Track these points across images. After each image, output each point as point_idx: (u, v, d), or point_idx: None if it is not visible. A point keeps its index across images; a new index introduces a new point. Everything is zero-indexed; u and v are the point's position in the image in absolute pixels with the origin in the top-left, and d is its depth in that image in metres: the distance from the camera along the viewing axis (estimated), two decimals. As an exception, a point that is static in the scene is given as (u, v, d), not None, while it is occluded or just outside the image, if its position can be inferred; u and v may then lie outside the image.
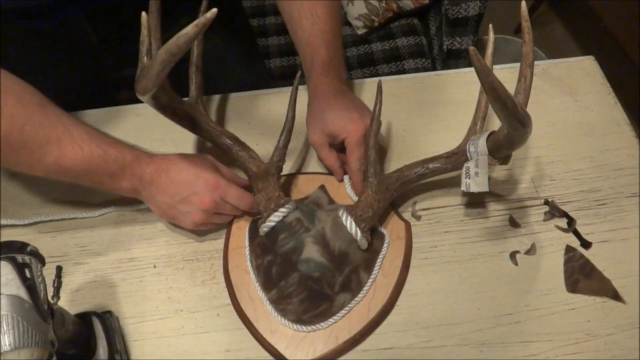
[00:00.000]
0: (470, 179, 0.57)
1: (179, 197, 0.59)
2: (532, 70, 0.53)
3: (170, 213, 0.61)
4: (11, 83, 0.53)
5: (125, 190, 0.61)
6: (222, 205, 0.61)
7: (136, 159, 0.59)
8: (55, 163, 0.55)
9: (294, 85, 0.61)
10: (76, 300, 0.63)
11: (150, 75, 0.45)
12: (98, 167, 0.57)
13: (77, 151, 0.55)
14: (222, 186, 0.60)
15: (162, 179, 0.59)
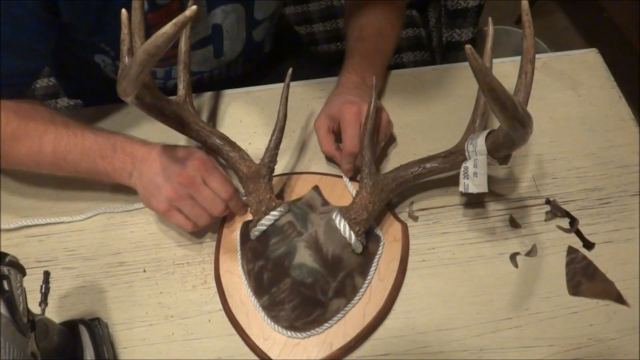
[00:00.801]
0: (469, 180, 0.55)
1: (162, 170, 0.57)
2: (533, 66, 0.50)
3: (150, 189, 0.58)
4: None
5: (119, 173, 0.60)
6: (199, 187, 0.57)
7: (128, 139, 0.61)
8: (52, 152, 0.60)
9: (285, 83, 0.59)
10: (64, 306, 0.61)
11: (130, 77, 0.43)
12: (90, 150, 0.59)
13: (71, 137, 0.59)
14: (208, 167, 0.58)
15: (154, 155, 0.59)
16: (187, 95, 0.62)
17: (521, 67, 0.51)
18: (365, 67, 0.69)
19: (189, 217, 0.58)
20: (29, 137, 0.60)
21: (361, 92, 0.65)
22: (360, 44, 0.71)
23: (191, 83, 0.63)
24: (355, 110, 0.61)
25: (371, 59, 0.70)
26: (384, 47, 0.72)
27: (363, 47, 0.70)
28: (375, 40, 0.71)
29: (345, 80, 0.68)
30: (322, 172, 0.68)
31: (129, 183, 0.62)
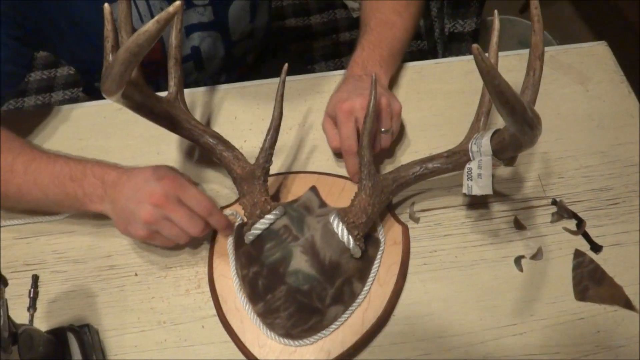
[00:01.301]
0: (473, 181, 0.53)
1: (135, 195, 0.54)
2: (541, 62, 0.48)
3: (125, 216, 0.56)
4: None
5: (89, 198, 0.57)
6: (175, 207, 0.54)
7: (99, 163, 0.59)
8: (24, 171, 0.58)
9: (280, 80, 0.56)
10: (53, 311, 0.59)
11: (113, 76, 0.40)
12: (60, 172, 0.58)
13: (43, 158, 0.59)
14: (181, 184, 0.55)
15: (124, 180, 0.56)
16: (179, 92, 0.60)
17: (529, 63, 0.48)
18: (368, 57, 0.67)
19: (169, 238, 0.55)
20: (3, 154, 0.59)
21: (361, 84, 0.63)
22: (364, 37, 0.70)
23: (182, 80, 0.61)
24: (346, 108, 0.59)
25: (374, 49, 0.68)
26: (390, 35, 0.70)
27: (366, 39, 0.69)
28: (380, 31, 0.70)
29: (348, 75, 0.67)
30: (319, 172, 0.66)
31: (101, 209, 0.58)
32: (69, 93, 1.24)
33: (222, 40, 0.79)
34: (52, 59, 1.33)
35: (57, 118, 0.73)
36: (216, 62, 0.82)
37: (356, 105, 0.59)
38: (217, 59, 0.82)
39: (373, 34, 0.69)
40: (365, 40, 0.69)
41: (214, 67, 0.83)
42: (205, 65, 0.82)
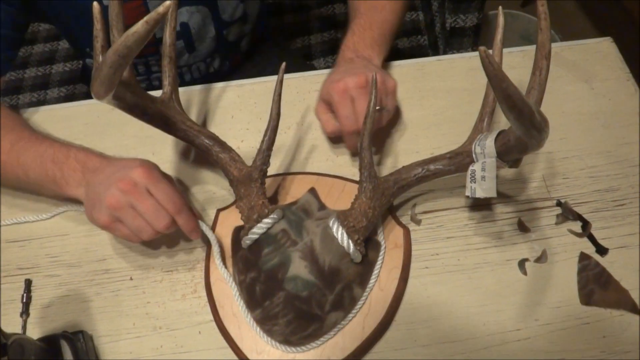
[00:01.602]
0: (476, 183, 0.51)
1: (107, 180, 0.53)
2: (548, 62, 0.46)
3: (92, 200, 0.54)
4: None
5: (66, 180, 0.56)
6: (142, 196, 0.51)
7: (84, 150, 0.59)
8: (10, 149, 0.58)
9: (278, 79, 0.55)
10: (47, 317, 0.58)
11: (102, 79, 0.39)
12: (44, 153, 0.57)
13: (31, 138, 0.59)
14: (154, 176, 0.53)
15: (104, 166, 0.56)
16: (173, 92, 0.58)
17: (535, 62, 0.46)
18: (358, 40, 0.67)
19: (130, 229, 0.53)
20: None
21: (352, 65, 0.63)
22: (354, 22, 0.69)
23: (177, 79, 0.59)
24: (341, 88, 0.59)
25: (364, 32, 0.68)
26: (379, 18, 0.69)
27: (356, 24, 0.69)
28: (369, 15, 0.69)
29: (339, 59, 0.67)
30: (318, 172, 0.64)
31: (76, 194, 0.57)
32: (64, 90, 1.22)
33: (212, 19, 0.78)
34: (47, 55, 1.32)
35: (50, 117, 0.72)
36: (207, 42, 0.80)
37: (350, 84, 0.58)
38: (208, 38, 0.80)
39: (363, 18, 0.69)
40: (355, 24, 0.68)
41: (206, 49, 0.81)
42: (196, 45, 0.80)
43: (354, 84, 0.58)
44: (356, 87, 0.58)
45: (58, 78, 1.25)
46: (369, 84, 0.58)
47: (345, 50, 0.66)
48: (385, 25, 0.69)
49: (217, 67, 0.85)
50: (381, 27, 0.69)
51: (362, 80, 0.58)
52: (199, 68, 0.83)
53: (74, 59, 1.28)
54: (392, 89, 0.61)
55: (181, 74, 0.83)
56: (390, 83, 0.61)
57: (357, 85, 0.58)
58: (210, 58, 0.83)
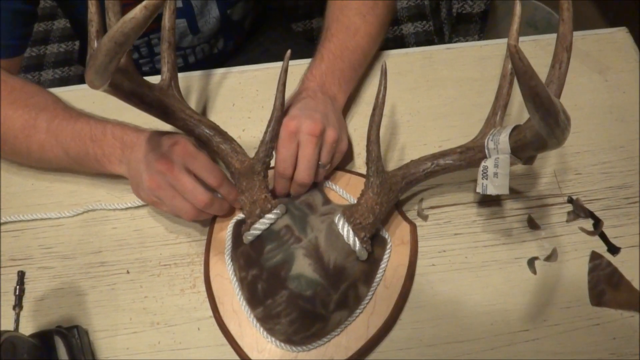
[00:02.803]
0: (488, 180, 0.49)
1: (145, 157, 0.53)
2: (569, 54, 0.44)
3: (136, 179, 0.55)
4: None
5: (108, 158, 0.57)
6: (179, 175, 0.51)
7: (119, 124, 0.58)
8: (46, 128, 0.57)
9: (283, 67, 0.52)
10: (41, 310, 0.56)
11: (97, 68, 0.36)
12: (81, 131, 0.57)
13: (66, 116, 0.58)
14: (191, 152, 0.52)
15: (141, 141, 0.55)
16: (172, 79, 0.56)
17: (555, 55, 0.44)
18: (327, 71, 0.60)
19: (170, 209, 0.53)
20: (27, 108, 0.58)
21: (314, 104, 0.57)
22: (324, 46, 0.62)
23: (176, 64, 0.56)
24: (292, 128, 0.52)
25: (334, 61, 0.61)
26: (352, 44, 0.62)
27: (327, 48, 0.62)
28: (341, 38, 0.62)
29: (302, 87, 0.60)
30: (323, 164, 0.62)
31: (119, 171, 0.57)
32: (59, 72, 1.18)
33: None
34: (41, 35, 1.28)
35: (43, 102, 0.69)
36: (212, 22, 0.77)
37: (303, 127, 0.52)
38: (212, 18, 0.77)
39: (333, 42, 0.62)
40: (325, 49, 0.62)
41: (210, 29, 0.78)
42: (200, 26, 0.77)
43: (308, 130, 0.52)
44: (308, 133, 0.52)
45: (53, 59, 1.21)
46: (321, 135, 0.53)
47: (311, 80, 0.60)
48: (356, 54, 0.63)
49: (221, 47, 0.83)
50: (352, 55, 0.62)
51: (317, 129, 0.52)
52: (203, 50, 0.80)
53: (69, 40, 1.24)
54: (342, 151, 0.57)
55: (185, 55, 0.80)
56: (342, 145, 0.56)
57: (309, 132, 0.52)
58: (214, 39, 0.80)
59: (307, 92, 0.59)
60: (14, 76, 0.62)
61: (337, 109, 0.59)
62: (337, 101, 0.61)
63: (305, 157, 0.52)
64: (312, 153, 0.52)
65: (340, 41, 0.62)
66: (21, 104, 0.58)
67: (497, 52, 0.71)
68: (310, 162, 0.52)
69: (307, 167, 0.52)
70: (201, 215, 0.54)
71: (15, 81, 0.61)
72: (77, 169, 0.61)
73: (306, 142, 0.52)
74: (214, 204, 0.53)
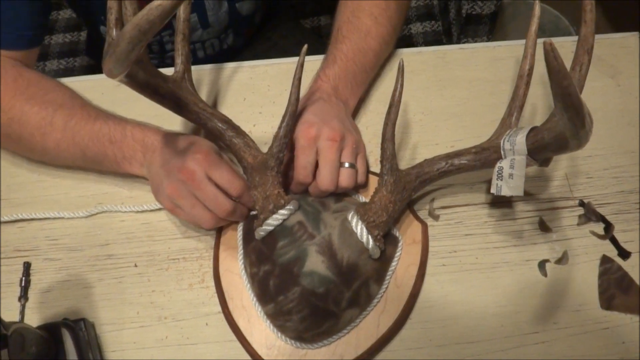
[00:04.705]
0: (503, 181, 0.49)
1: (167, 163, 0.52)
2: (590, 57, 0.43)
3: (156, 183, 0.54)
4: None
5: (128, 161, 0.56)
6: (201, 184, 0.50)
7: (139, 125, 0.57)
8: (63, 127, 0.56)
9: (299, 62, 0.52)
10: (46, 302, 0.56)
11: (118, 56, 0.36)
12: (100, 132, 0.56)
13: (84, 115, 0.57)
14: (213, 160, 0.52)
15: (162, 144, 0.55)
16: (186, 71, 0.55)
17: (576, 57, 0.44)
18: (340, 73, 0.60)
19: (189, 218, 0.52)
20: (44, 105, 0.57)
21: (329, 109, 0.56)
22: (336, 47, 0.62)
23: (190, 57, 0.56)
24: (312, 134, 0.52)
25: (347, 64, 0.61)
26: (364, 46, 0.62)
27: (339, 50, 0.61)
28: (353, 40, 0.62)
29: (316, 89, 0.59)
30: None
31: (139, 173, 0.57)
32: (64, 62, 1.17)
33: None
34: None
35: (51, 92, 0.68)
36: (222, 16, 0.77)
37: (323, 134, 0.52)
38: (222, 13, 0.76)
39: (346, 44, 0.61)
40: (338, 50, 0.61)
41: (220, 25, 0.78)
42: (210, 20, 0.76)
43: (328, 136, 0.52)
44: (329, 139, 0.52)
45: (57, 49, 1.20)
46: (342, 140, 0.53)
47: (325, 82, 0.59)
48: (368, 57, 0.62)
49: (231, 43, 0.82)
50: (364, 58, 0.62)
51: (337, 135, 0.52)
52: (212, 45, 0.80)
53: (75, 30, 1.23)
54: (363, 154, 0.57)
55: (194, 50, 0.79)
56: (361, 148, 0.57)
57: (330, 138, 0.52)
58: (224, 34, 0.80)
59: (320, 93, 0.58)
60: (30, 69, 0.61)
61: (349, 114, 0.60)
62: (349, 105, 0.61)
63: (327, 162, 0.52)
64: (334, 158, 0.52)
65: (353, 43, 0.62)
66: (38, 100, 0.57)
67: (510, 53, 0.70)
68: (333, 166, 0.52)
69: (329, 171, 0.52)
70: (219, 223, 0.54)
71: (32, 75, 0.60)
72: (93, 168, 0.60)
73: (327, 147, 0.52)
74: (235, 213, 0.52)
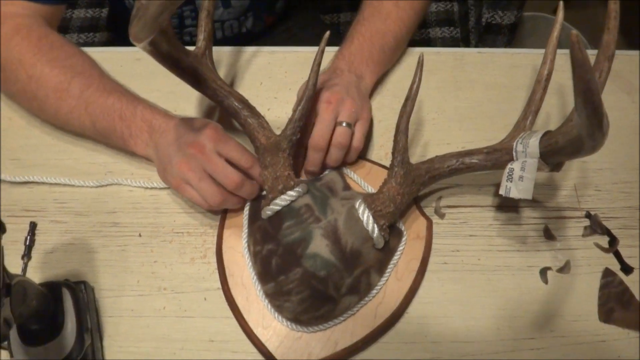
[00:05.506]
0: (512, 183, 0.49)
1: (176, 141, 0.53)
2: (610, 64, 0.44)
3: (164, 162, 0.54)
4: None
5: (134, 140, 0.57)
6: (210, 156, 0.51)
7: (150, 107, 0.57)
8: (79, 94, 0.57)
9: (320, 48, 0.52)
10: (49, 262, 0.56)
11: (147, 19, 0.36)
12: (112, 107, 0.56)
13: (99, 88, 0.57)
14: (223, 137, 0.52)
15: (170, 127, 0.55)
16: (207, 48, 0.55)
17: (596, 63, 0.44)
18: (356, 51, 0.62)
19: (198, 192, 0.52)
20: (64, 69, 0.58)
21: (338, 79, 0.58)
22: (355, 28, 0.64)
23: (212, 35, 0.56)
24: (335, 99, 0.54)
25: (364, 43, 0.62)
26: (382, 28, 0.63)
27: (357, 31, 0.63)
28: (372, 22, 0.64)
29: (331, 67, 0.61)
30: (345, 152, 0.62)
31: (145, 153, 0.57)
32: (83, 37, 1.18)
33: None
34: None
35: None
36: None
37: (322, 97, 0.55)
38: None
39: (365, 25, 0.63)
40: (356, 31, 0.63)
41: (241, 6, 0.78)
42: (232, 1, 0.76)
43: (325, 98, 0.55)
44: (324, 101, 0.55)
45: (78, 24, 1.21)
46: (338, 103, 0.55)
47: (340, 60, 0.61)
48: (387, 38, 0.63)
49: (250, 26, 0.82)
50: (383, 39, 0.63)
51: (332, 98, 0.54)
52: (231, 26, 0.80)
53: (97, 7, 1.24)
54: (365, 118, 0.57)
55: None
56: (365, 114, 0.57)
57: (325, 100, 0.55)
58: (244, 16, 0.80)
59: (333, 69, 0.60)
60: (55, 32, 0.61)
61: (362, 87, 0.61)
62: (364, 79, 0.61)
63: (320, 121, 0.54)
64: (327, 117, 0.54)
65: (371, 24, 0.63)
66: (58, 64, 0.58)
67: (528, 61, 0.71)
68: (325, 124, 0.54)
69: (320, 128, 0.54)
70: (227, 200, 0.53)
71: (56, 38, 0.60)
72: (101, 141, 0.61)
73: (323, 109, 0.54)
74: (245, 185, 0.52)
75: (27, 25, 0.60)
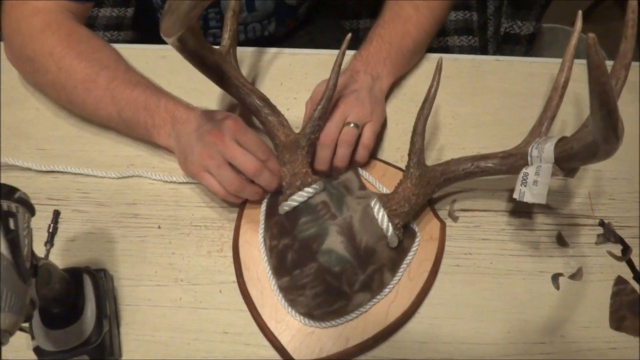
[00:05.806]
0: (527, 187, 0.50)
1: (196, 131, 0.55)
2: (627, 73, 0.44)
3: (185, 151, 0.56)
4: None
5: (157, 130, 0.58)
6: (229, 144, 0.52)
7: (173, 99, 0.59)
8: (106, 86, 0.59)
9: (341, 50, 0.53)
10: (70, 250, 0.58)
11: (179, 14, 0.38)
12: (137, 99, 0.58)
13: (125, 80, 0.59)
14: (243, 127, 0.54)
15: (191, 117, 0.57)
16: (232, 47, 0.57)
17: (613, 71, 0.45)
18: (374, 52, 0.63)
19: (217, 178, 0.53)
20: (91, 62, 0.60)
21: (352, 81, 0.60)
22: (375, 31, 0.65)
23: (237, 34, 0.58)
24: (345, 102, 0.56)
25: (382, 44, 0.64)
26: (401, 31, 0.65)
27: (376, 33, 0.65)
28: (392, 25, 0.65)
29: (349, 67, 0.63)
30: (361, 153, 0.63)
31: (165, 143, 0.59)
32: (108, 35, 1.21)
33: None
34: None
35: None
36: (268, 4, 0.79)
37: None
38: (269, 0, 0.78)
39: (384, 28, 0.65)
40: (375, 33, 0.65)
41: (265, 10, 0.80)
42: (257, 5, 0.78)
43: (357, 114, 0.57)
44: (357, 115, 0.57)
45: (104, 22, 1.24)
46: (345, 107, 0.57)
47: (358, 60, 0.63)
48: (406, 41, 0.65)
49: (272, 31, 0.84)
50: (401, 41, 0.64)
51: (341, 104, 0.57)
52: (254, 29, 0.82)
53: (122, 6, 1.27)
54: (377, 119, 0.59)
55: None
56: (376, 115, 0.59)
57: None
58: (267, 20, 0.82)
59: (350, 70, 0.61)
60: (82, 27, 0.64)
61: (377, 89, 0.61)
62: (381, 80, 0.63)
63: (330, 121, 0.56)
64: (337, 118, 0.55)
65: (391, 27, 0.65)
66: (86, 57, 0.60)
67: (546, 70, 0.71)
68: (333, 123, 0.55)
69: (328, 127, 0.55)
70: (244, 188, 0.54)
71: (84, 32, 0.63)
72: (125, 132, 0.63)
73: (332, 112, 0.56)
74: (263, 173, 0.53)
75: (57, 20, 0.62)
